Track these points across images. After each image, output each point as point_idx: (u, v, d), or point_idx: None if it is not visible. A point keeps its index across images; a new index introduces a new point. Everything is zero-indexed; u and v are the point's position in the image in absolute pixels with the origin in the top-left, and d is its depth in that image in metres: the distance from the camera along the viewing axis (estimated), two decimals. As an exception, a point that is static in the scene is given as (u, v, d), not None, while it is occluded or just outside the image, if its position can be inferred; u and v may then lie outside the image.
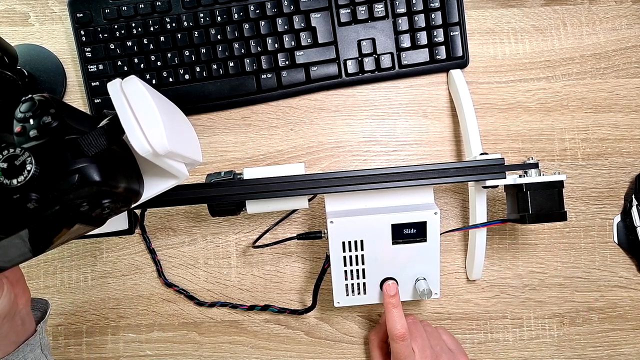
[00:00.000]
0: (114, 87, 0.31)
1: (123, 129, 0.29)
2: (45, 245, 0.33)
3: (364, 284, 0.47)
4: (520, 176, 0.46)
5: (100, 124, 0.29)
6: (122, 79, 0.32)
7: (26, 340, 0.42)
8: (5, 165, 0.26)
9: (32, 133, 0.27)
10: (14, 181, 0.26)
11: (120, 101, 0.30)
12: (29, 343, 0.41)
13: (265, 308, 0.53)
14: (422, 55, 0.53)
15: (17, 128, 0.27)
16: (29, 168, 0.26)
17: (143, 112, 0.30)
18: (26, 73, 0.52)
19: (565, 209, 0.45)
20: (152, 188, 0.36)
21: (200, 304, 0.53)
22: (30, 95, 0.28)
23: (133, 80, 0.32)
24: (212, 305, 0.53)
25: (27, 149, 0.26)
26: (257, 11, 0.52)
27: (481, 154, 0.47)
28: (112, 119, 0.30)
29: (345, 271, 0.46)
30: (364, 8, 0.52)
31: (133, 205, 0.36)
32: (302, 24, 0.52)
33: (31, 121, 0.27)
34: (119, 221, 0.43)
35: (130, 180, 0.32)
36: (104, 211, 0.30)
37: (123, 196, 0.31)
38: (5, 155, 0.26)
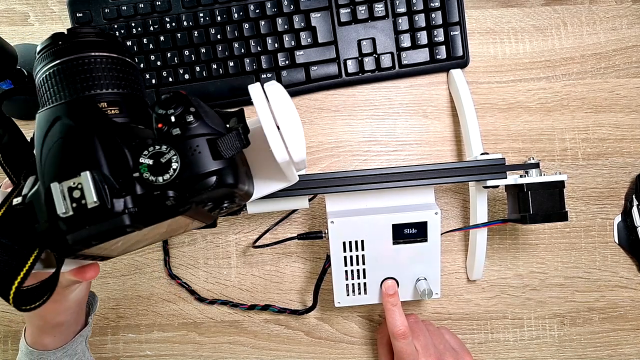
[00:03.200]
0: (256, 90, 0.31)
1: (249, 130, 0.29)
2: (159, 238, 0.34)
3: (365, 284, 0.47)
4: (521, 176, 0.46)
5: (232, 125, 0.29)
6: (262, 83, 0.32)
7: (81, 330, 0.44)
8: (151, 161, 0.26)
9: (175, 131, 0.27)
10: (160, 179, 0.26)
11: (263, 105, 0.30)
12: (82, 334, 0.44)
13: (265, 308, 0.53)
14: (423, 55, 0.53)
15: (158, 124, 0.27)
16: (174, 167, 0.26)
17: (285, 119, 0.30)
18: (26, 73, 0.52)
19: (566, 209, 0.45)
20: (261, 189, 0.36)
21: (201, 299, 0.53)
22: (171, 92, 0.28)
23: (276, 85, 0.31)
24: (212, 302, 0.53)
25: (172, 146, 0.26)
26: (257, 11, 0.52)
27: (482, 154, 0.47)
28: (241, 118, 0.30)
29: (346, 271, 0.46)
30: (364, 8, 0.52)
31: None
32: (302, 24, 0.52)
33: (172, 118, 0.27)
34: None
35: (249, 183, 0.32)
36: (221, 211, 0.31)
37: (240, 197, 0.31)
38: (152, 151, 0.26)
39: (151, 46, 0.52)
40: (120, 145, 0.26)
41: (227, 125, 0.30)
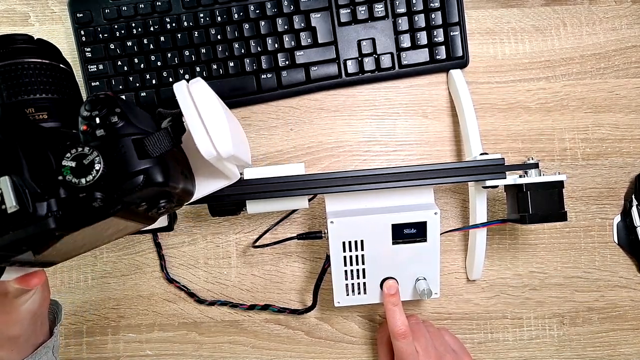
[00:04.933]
0: (181, 88, 0.31)
1: (183, 130, 0.29)
2: (97, 242, 0.33)
3: (364, 283, 0.47)
4: (520, 176, 0.46)
5: (163, 125, 0.29)
6: (188, 81, 0.32)
7: (43, 342, 0.42)
8: (73, 164, 0.26)
9: (99, 132, 0.27)
10: (83, 180, 0.26)
11: (187, 103, 0.30)
12: (45, 345, 0.41)
13: (265, 308, 0.53)
14: (422, 55, 0.53)
15: (82, 126, 0.27)
16: (97, 168, 0.26)
17: (210, 115, 0.30)
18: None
19: (565, 209, 0.45)
20: (203, 188, 0.36)
21: (200, 301, 0.53)
22: (96, 94, 0.28)
23: (200, 83, 0.32)
24: (212, 303, 0.53)
25: (95, 147, 0.26)
26: (257, 11, 0.52)
27: (481, 154, 0.47)
28: (174, 119, 0.30)
29: (346, 271, 0.46)
30: (364, 8, 0.52)
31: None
32: (302, 24, 0.52)
33: (97, 120, 0.27)
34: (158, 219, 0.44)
35: (186, 181, 0.32)
36: (159, 211, 0.31)
37: (179, 196, 0.31)
38: (74, 153, 0.26)
39: (151, 46, 0.52)
40: (44, 149, 0.26)
41: (162, 126, 0.30)
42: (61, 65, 0.32)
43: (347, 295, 0.47)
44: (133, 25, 0.52)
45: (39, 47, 0.31)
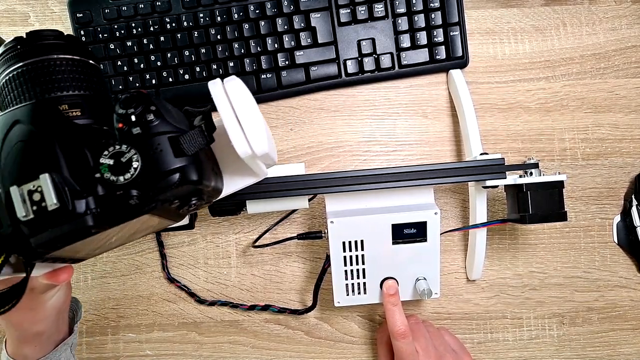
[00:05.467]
0: (216, 87, 0.31)
1: (214, 127, 0.29)
2: (126, 238, 0.33)
3: (364, 283, 0.47)
4: (520, 176, 0.46)
5: (196, 122, 0.29)
6: (222, 79, 0.32)
7: (63, 339, 0.42)
8: (111, 161, 0.26)
9: (135, 130, 0.27)
10: (121, 178, 0.26)
11: (223, 101, 0.30)
12: (65, 343, 0.42)
13: (265, 308, 0.53)
14: (422, 55, 0.53)
15: (118, 124, 0.27)
16: (135, 166, 0.26)
17: (246, 113, 0.30)
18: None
19: (565, 209, 0.45)
20: (230, 186, 0.36)
21: (200, 301, 0.53)
22: (130, 92, 0.28)
23: (235, 80, 0.32)
24: (212, 304, 0.53)
25: (133, 146, 0.26)
26: (257, 11, 0.52)
27: (481, 154, 0.47)
28: (206, 117, 0.30)
29: (346, 271, 0.46)
30: (363, 8, 0.52)
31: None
32: (302, 24, 0.52)
33: (133, 117, 0.27)
34: None
35: (216, 179, 0.32)
36: (190, 208, 0.31)
37: (209, 194, 0.31)
38: (112, 151, 0.26)
39: (151, 46, 0.52)
40: (81, 146, 0.26)
41: (194, 124, 0.30)
42: (90, 62, 0.32)
43: (347, 295, 0.47)
44: (133, 25, 0.52)
45: (69, 43, 0.31)
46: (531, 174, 0.46)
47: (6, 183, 0.25)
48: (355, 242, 0.45)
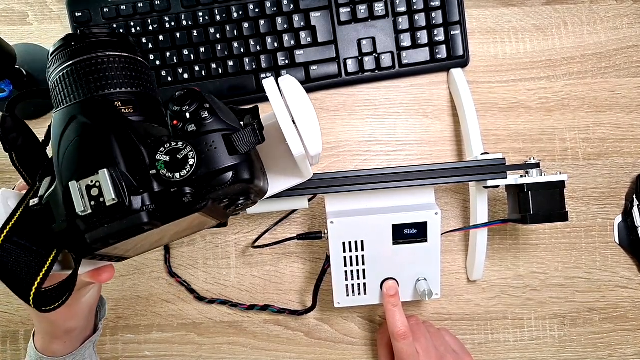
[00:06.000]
0: (271, 85, 0.31)
1: (263, 126, 0.29)
2: (173, 237, 0.34)
3: (365, 284, 0.46)
4: (521, 176, 0.46)
5: (246, 121, 0.29)
6: (276, 77, 0.32)
7: (90, 336, 0.43)
8: (167, 158, 0.26)
9: (190, 127, 0.27)
10: (177, 175, 0.26)
11: (278, 100, 0.30)
12: (92, 340, 0.43)
13: (264, 308, 0.53)
14: (423, 55, 0.53)
15: (173, 121, 0.27)
16: (191, 163, 0.26)
17: (301, 113, 0.30)
18: (25, 73, 0.52)
19: (567, 209, 0.45)
20: (275, 186, 0.36)
21: (200, 299, 0.53)
22: (183, 88, 0.28)
23: (290, 79, 0.31)
24: (211, 302, 0.53)
25: (189, 142, 0.26)
26: (257, 10, 0.52)
27: (482, 154, 0.47)
28: (255, 114, 0.30)
29: (346, 272, 0.46)
30: (364, 7, 0.52)
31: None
32: (302, 23, 0.52)
33: (187, 115, 0.27)
34: None
35: (263, 179, 0.32)
36: (237, 208, 0.31)
37: (255, 194, 0.31)
38: (168, 148, 0.26)
39: (150, 46, 0.52)
40: (137, 142, 0.26)
41: (242, 122, 0.30)
42: (140, 59, 0.32)
43: (347, 296, 0.47)
44: (132, 24, 0.52)
45: (119, 40, 0.31)
46: (532, 174, 0.45)
47: (64, 178, 0.25)
48: (356, 242, 0.45)
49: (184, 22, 0.52)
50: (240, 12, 0.52)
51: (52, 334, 0.40)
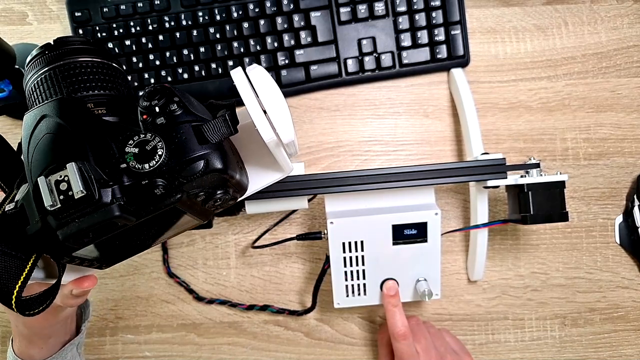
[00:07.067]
0: (239, 74, 0.31)
1: (238, 121, 0.29)
2: (155, 239, 0.34)
3: (364, 284, 0.46)
4: (521, 176, 0.46)
5: (220, 114, 0.30)
6: (244, 67, 0.32)
7: (70, 339, 0.43)
8: (136, 150, 0.26)
9: (159, 120, 0.27)
10: (146, 166, 0.26)
11: (246, 88, 0.30)
12: (73, 343, 0.43)
13: (264, 308, 0.52)
14: (423, 54, 0.53)
15: (142, 116, 0.28)
16: (160, 153, 0.26)
17: (270, 100, 0.30)
18: (24, 72, 0.52)
19: (567, 210, 0.45)
20: (255, 183, 0.36)
21: (199, 299, 0.53)
22: (153, 85, 0.28)
23: (258, 68, 0.32)
24: (211, 302, 0.53)
25: (158, 134, 0.27)
26: (257, 10, 0.52)
27: (482, 154, 0.47)
28: (230, 107, 0.30)
29: (346, 272, 0.46)
30: (364, 6, 0.52)
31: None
32: (302, 23, 0.52)
33: (157, 109, 0.27)
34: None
35: (241, 173, 0.33)
36: (216, 203, 0.31)
37: (234, 189, 0.31)
38: (136, 140, 0.26)
39: (150, 45, 0.52)
40: (107, 139, 0.27)
41: (217, 115, 0.30)
42: (113, 64, 0.33)
43: (347, 296, 0.47)
44: (131, 24, 0.52)
45: (93, 47, 0.32)
46: (533, 174, 0.45)
47: (34, 175, 0.25)
48: (355, 242, 0.45)
49: (184, 22, 0.52)
50: (240, 12, 0.52)
51: (28, 339, 0.40)
